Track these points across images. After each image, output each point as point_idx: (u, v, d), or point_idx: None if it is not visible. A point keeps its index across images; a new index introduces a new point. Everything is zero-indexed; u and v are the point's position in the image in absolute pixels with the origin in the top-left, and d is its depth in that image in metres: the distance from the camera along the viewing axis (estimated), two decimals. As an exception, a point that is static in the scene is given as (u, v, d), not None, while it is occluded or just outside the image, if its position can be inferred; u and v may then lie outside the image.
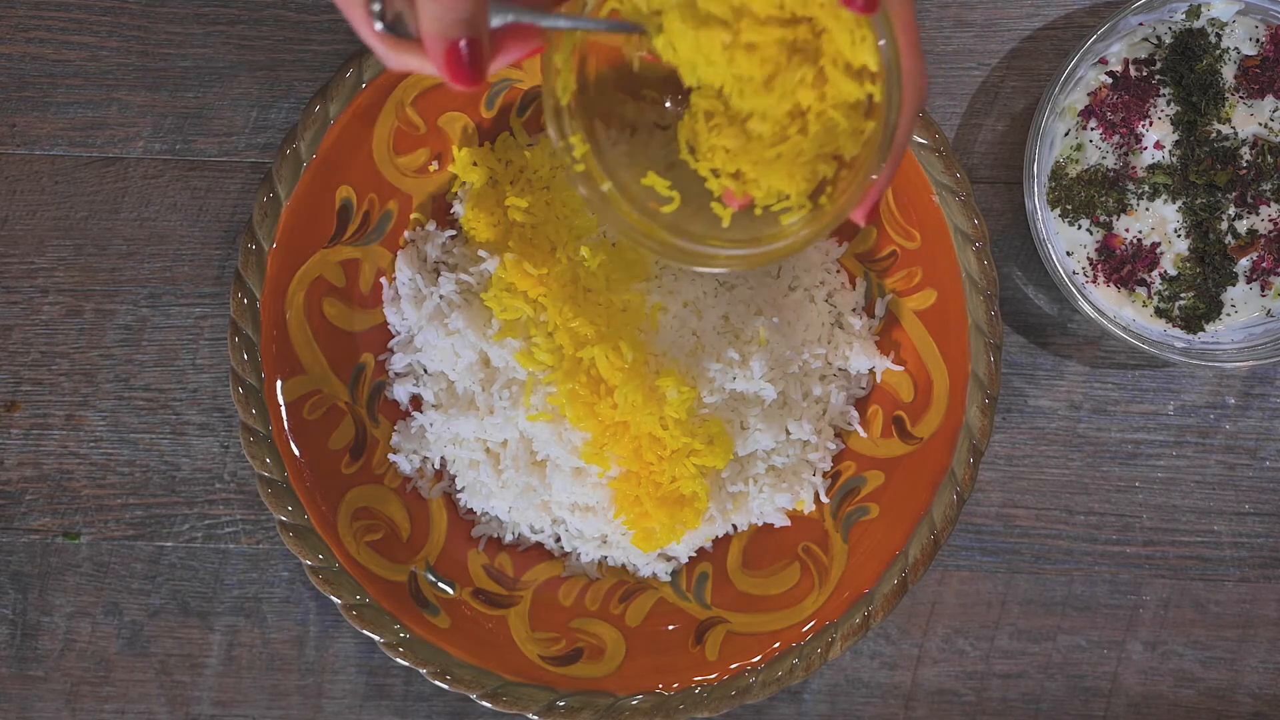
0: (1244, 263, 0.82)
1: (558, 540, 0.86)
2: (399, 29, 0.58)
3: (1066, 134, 0.83)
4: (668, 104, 0.66)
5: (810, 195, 0.63)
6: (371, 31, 0.58)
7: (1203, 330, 0.83)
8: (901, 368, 0.84)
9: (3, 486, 0.87)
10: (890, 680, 0.87)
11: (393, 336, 0.86)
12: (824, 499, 0.85)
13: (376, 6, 0.57)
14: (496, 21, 0.59)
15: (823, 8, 0.60)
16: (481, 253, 0.82)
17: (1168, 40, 0.82)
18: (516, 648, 0.84)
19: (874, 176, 0.60)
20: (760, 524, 0.86)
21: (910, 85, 0.60)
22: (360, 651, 0.87)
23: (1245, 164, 0.82)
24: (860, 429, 0.85)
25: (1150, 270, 0.83)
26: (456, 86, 0.58)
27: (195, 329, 0.87)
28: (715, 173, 0.63)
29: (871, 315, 0.85)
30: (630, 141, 0.66)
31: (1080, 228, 0.83)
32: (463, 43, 0.57)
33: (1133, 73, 0.82)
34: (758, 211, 0.63)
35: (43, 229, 0.87)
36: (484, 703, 0.82)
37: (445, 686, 0.82)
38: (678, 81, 0.63)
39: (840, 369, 0.85)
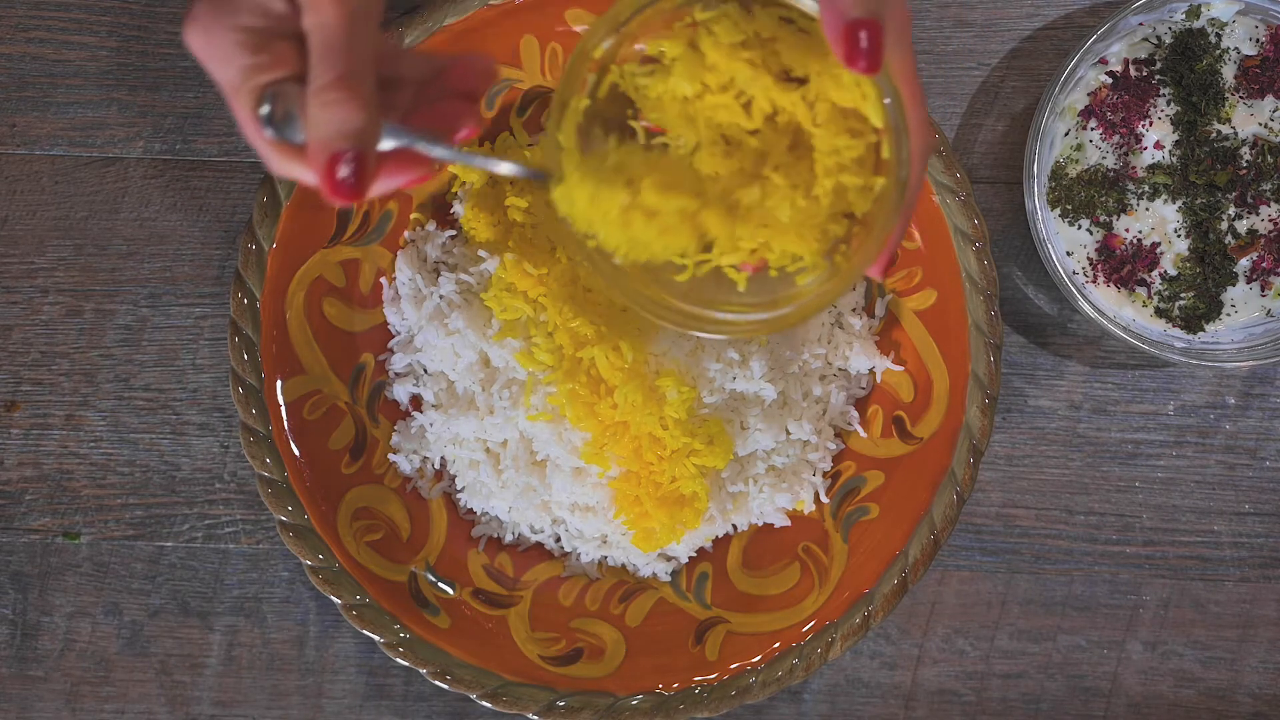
0: (1244, 263, 0.82)
1: (558, 540, 0.86)
2: (286, 130, 0.55)
3: (1066, 134, 0.83)
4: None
5: (825, 254, 0.62)
6: (257, 133, 0.56)
7: (1203, 330, 0.83)
8: (901, 368, 0.84)
9: (3, 486, 0.87)
10: (890, 680, 0.87)
11: (393, 336, 0.86)
12: (824, 499, 0.85)
13: (265, 109, 0.55)
14: (388, 144, 0.57)
15: (819, 70, 0.59)
16: (481, 253, 0.82)
17: (1168, 40, 0.82)
18: (516, 648, 0.84)
19: (888, 233, 0.59)
20: (760, 524, 0.86)
21: (918, 136, 0.59)
22: (360, 651, 0.87)
23: (1245, 164, 0.82)
24: (860, 429, 0.85)
25: (1150, 270, 0.83)
26: (332, 200, 0.55)
27: (195, 329, 0.87)
28: None
29: (871, 315, 0.85)
30: None
31: (1080, 228, 0.83)
32: (347, 157, 0.54)
33: (1133, 73, 0.82)
34: (773, 273, 0.62)
35: (43, 229, 0.87)
36: (484, 703, 0.82)
37: (445, 686, 0.82)
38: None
39: (840, 369, 0.85)
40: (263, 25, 0.56)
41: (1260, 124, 0.82)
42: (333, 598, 0.82)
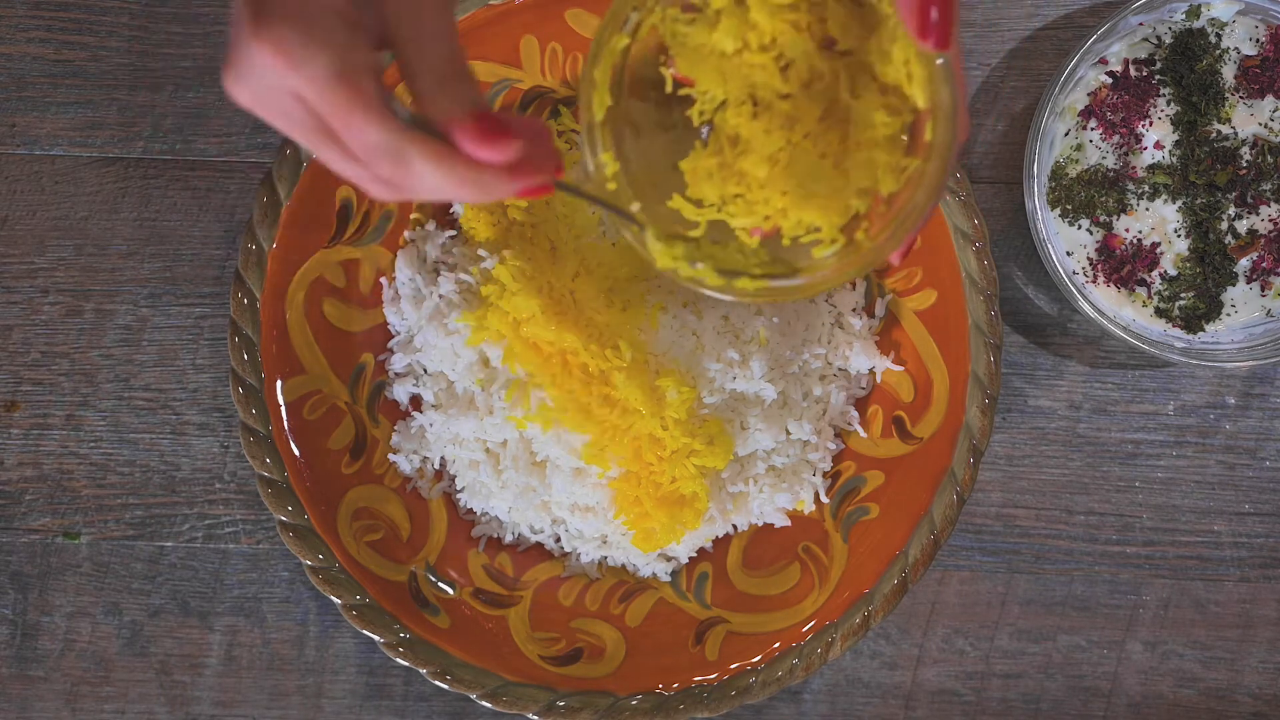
0: (1244, 263, 0.82)
1: (558, 540, 0.86)
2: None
3: (1066, 134, 0.83)
4: (699, 127, 0.63)
5: (842, 229, 0.61)
6: (373, 117, 0.53)
7: (1203, 330, 0.83)
8: (901, 368, 0.84)
9: (3, 486, 0.87)
10: (890, 680, 0.87)
11: (393, 336, 0.86)
12: (824, 499, 0.85)
13: (398, 106, 0.54)
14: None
15: (865, 44, 0.58)
16: (481, 252, 0.82)
17: (1168, 40, 0.82)
18: (516, 648, 0.84)
19: (921, 215, 0.58)
20: (760, 524, 0.86)
21: (961, 128, 0.58)
22: (360, 651, 0.87)
23: (1245, 164, 0.82)
24: (860, 429, 0.85)
25: (1150, 270, 0.83)
26: (486, 152, 0.54)
27: (195, 329, 0.87)
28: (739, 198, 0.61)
29: (871, 315, 0.85)
30: (660, 161, 0.64)
31: (1080, 228, 0.83)
32: (489, 117, 0.55)
33: (1133, 73, 0.82)
34: (785, 242, 0.61)
35: (43, 229, 0.87)
36: (484, 703, 0.82)
37: (445, 686, 0.82)
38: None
39: (840, 369, 0.85)
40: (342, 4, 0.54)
41: (1260, 124, 0.82)
42: (333, 598, 0.82)
